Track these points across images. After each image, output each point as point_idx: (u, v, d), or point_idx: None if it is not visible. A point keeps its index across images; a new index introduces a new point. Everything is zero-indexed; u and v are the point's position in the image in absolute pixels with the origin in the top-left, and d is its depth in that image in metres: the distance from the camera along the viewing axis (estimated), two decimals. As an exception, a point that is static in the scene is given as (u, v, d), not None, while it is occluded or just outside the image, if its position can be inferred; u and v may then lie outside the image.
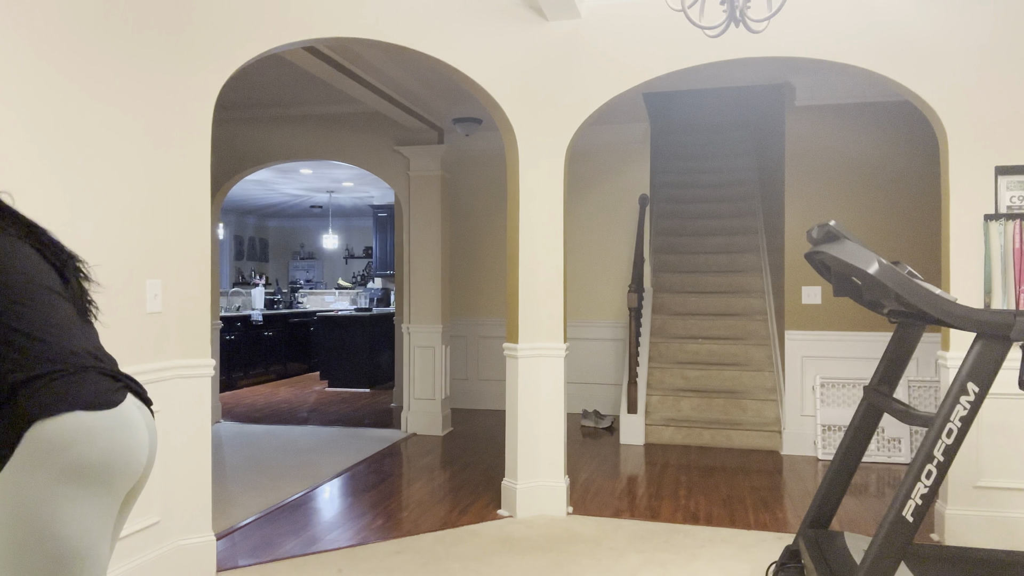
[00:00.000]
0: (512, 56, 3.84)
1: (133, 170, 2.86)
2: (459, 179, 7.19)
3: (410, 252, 6.12)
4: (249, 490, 4.36)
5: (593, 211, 6.85)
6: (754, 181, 7.88)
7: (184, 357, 3.09)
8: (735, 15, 2.57)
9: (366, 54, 4.67)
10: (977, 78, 3.43)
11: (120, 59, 2.78)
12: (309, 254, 14.11)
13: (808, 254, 2.58)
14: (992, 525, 3.41)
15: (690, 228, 7.50)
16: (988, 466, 3.43)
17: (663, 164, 8.31)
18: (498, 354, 7.08)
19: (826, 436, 5.23)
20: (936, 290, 2.20)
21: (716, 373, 5.96)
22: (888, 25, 3.49)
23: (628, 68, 3.79)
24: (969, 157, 3.44)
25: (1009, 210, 3.38)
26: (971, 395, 2.13)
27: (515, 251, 3.94)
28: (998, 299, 3.37)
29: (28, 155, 2.41)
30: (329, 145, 6.28)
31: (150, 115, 2.94)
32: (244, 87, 5.58)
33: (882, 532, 2.14)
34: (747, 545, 3.45)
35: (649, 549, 3.40)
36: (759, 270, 6.81)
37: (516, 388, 3.91)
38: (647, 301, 6.53)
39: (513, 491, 3.90)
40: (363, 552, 3.37)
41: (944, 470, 2.12)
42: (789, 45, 3.58)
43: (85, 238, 2.63)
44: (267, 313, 9.83)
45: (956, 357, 3.38)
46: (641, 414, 5.71)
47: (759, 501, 4.16)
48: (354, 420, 6.68)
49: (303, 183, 9.91)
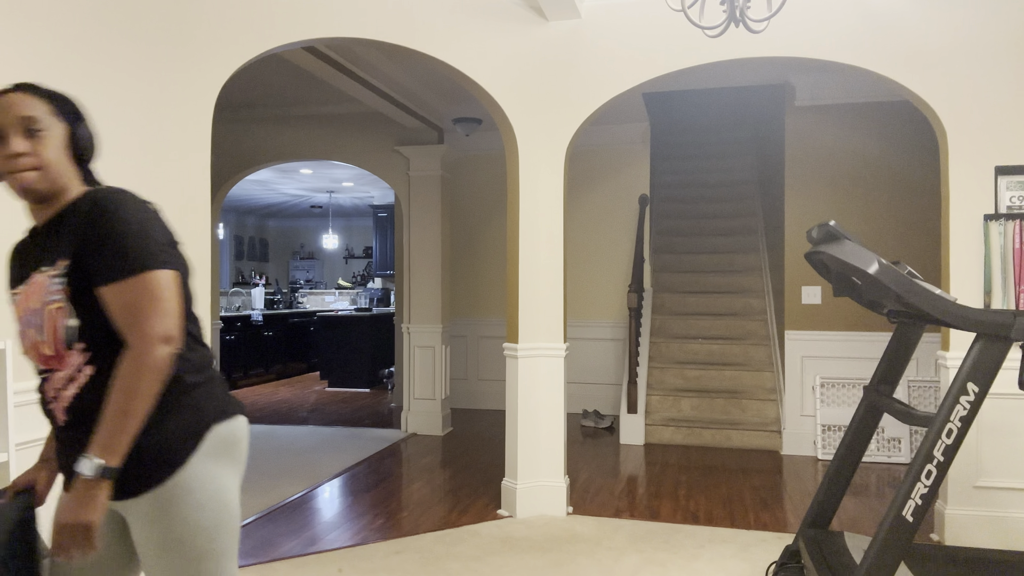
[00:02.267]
0: (512, 56, 3.84)
1: (132, 170, 2.86)
2: (459, 179, 7.19)
3: (410, 252, 6.12)
4: (249, 490, 4.36)
5: (593, 211, 6.85)
6: (754, 181, 7.88)
7: (184, 357, 3.08)
8: (735, 15, 2.57)
9: (366, 54, 4.67)
10: (977, 78, 3.42)
11: (119, 59, 2.78)
12: (309, 254, 14.11)
13: (808, 254, 2.58)
14: (992, 525, 3.41)
15: (690, 228, 7.50)
16: (988, 466, 3.43)
17: (663, 164, 8.31)
18: (498, 354, 7.08)
19: (826, 436, 5.23)
20: (936, 290, 2.20)
21: (716, 373, 5.96)
22: (888, 25, 3.49)
23: (628, 68, 3.78)
24: (969, 157, 3.44)
25: (1009, 210, 3.38)
26: (971, 395, 2.13)
27: (515, 251, 3.94)
28: (998, 299, 3.37)
29: (28, 155, 2.41)
30: (329, 145, 6.28)
31: (150, 115, 2.94)
32: (244, 87, 5.58)
33: (882, 532, 2.14)
34: (747, 545, 3.45)
35: (649, 549, 3.40)
36: (759, 270, 6.81)
37: (516, 388, 3.91)
38: (647, 301, 6.53)
39: (513, 491, 3.90)
40: (363, 552, 3.37)
41: (944, 470, 2.12)
42: (789, 45, 3.58)
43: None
44: (267, 313, 9.83)
45: (956, 357, 3.38)
46: (641, 414, 5.71)
47: (759, 501, 4.16)
48: (354, 420, 6.68)
49: (303, 183, 9.91)
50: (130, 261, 1.28)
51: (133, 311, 1.29)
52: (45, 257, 1.37)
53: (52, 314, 1.33)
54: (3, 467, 1.99)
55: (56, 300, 1.33)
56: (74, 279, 1.32)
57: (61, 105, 1.39)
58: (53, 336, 1.34)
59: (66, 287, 1.33)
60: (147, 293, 1.29)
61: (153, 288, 1.29)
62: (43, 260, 1.38)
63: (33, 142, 1.34)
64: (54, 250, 1.36)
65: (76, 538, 1.27)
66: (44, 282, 1.35)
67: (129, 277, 1.28)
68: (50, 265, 1.35)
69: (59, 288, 1.33)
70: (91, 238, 1.31)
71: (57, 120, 1.38)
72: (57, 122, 1.38)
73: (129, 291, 1.28)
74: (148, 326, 1.28)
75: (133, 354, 1.28)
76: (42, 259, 1.38)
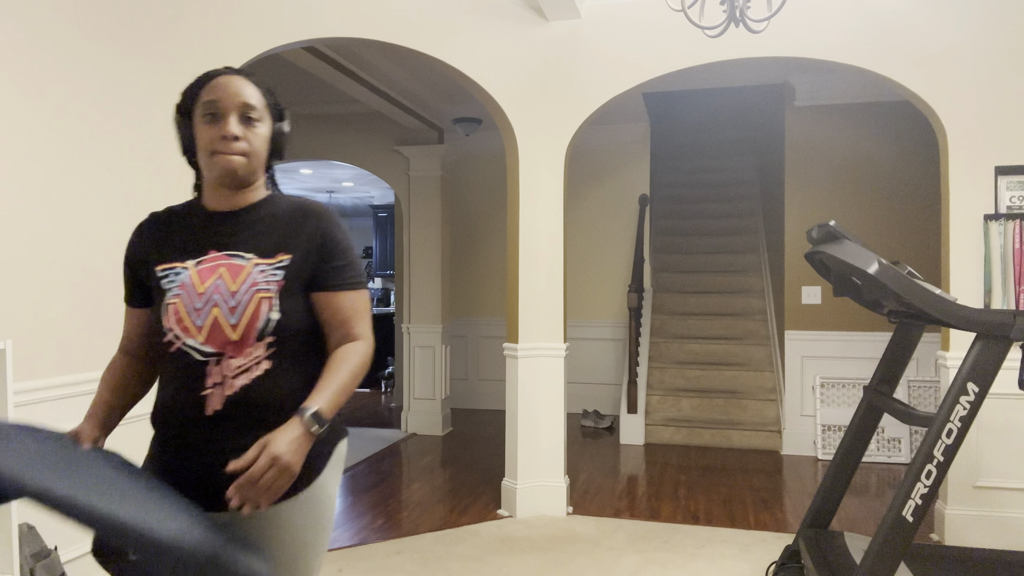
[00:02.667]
0: (512, 56, 3.84)
1: (134, 170, 2.86)
2: (459, 179, 7.19)
3: (410, 252, 6.12)
4: (249, 490, 4.36)
5: (593, 211, 6.85)
6: (754, 181, 7.88)
7: (184, 357, 3.08)
8: (735, 15, 2.57)
9: (366, 54, 4.67)
10: (977, 78, 3.42)
11: (120, 59, 2.78)
12: (309, 254, 14.10)
13: (808, 254, 2.58)
14: (992, 525, 3.41)
15: (690, 228, 7.50)
16: (988, 466, 3.43)
17: (663, 164, 8.31)
18: (498, 354, 7.08)
19: (826, 436, 5.23)
20: (936, 290, 2.20)
21: (716, 373, 5.96)
22: (888, 25, 3.49)
23: (628, 68, 3.78)
24: (969, 157, 3.44)
25: (1009, 210, 3.38)
26: (971, 395, 2.13)
27: (515, 251, 3.94)
28: (998, 299, 3.37)
29: (27, 155, 2.41)
30: (329, 145, 6.28)
31: (150, 114, 2.94)
32: (244, 87, 5.57)
33: (882, 532, 2.14)
34: (747, 545, 3.44)
35: (649, 549, 3.40)
36: (759, 270, 6.80)
37: (516, 388, 3.91)
38: (647, 301, 6.53)
39: (513, 491, 3.90)
40: (363, 552, 3.37)
41: (944, 470, 2.12)
42: (789, 45, 3.58)
43: (85, 237, 2.63)
44: (267, 313, 9.81)
45: (956, 357, 3.38)
46: (641, 414, 5.71)
47: (759, 501, 4.16)
48: (354, 420, 6.67)
49: (303, 183, 9.90)
50: (360, 275, 1.45)
51: (360, 315, 1.44)
52: (244, 245, 1.39)
53: (258, 302, 1.34)
54: (3, 467, 1.99)
55: (267, 291, 1.35)
56: (291, 275, 1.38)
57: (273, 101, 1.44)
58: (249, 323, 1.34)
59: (281, 280, 1.37)
60: (366, 303, 1.47)
61: (367, 300, 1.48)
62: (237, 245, 1.39)
63: (247, 129, 1.38)
64: (264, 242, 1.39)
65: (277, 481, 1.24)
66: (249, 268, 1.37)
67: (360, 288, 1.45)
68: (262, 255, 1.38)
69: (273, 280, 1.36)
70: (327, 247, 1.41)
71: (268, 114, 1.43)
72: (268, 116, 1.43)
73: (358, 299, 1.44)
74: (369, 329, 1.46)
75: (363, 346, 1.42)
76: (235, 245, 1.40)
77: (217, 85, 1.38)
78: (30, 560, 2.23)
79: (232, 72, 1.41)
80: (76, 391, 2.58)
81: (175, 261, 1.40)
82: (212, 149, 1.36)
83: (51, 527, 2.50)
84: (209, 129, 1.36)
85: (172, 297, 1.36)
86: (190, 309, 1.35)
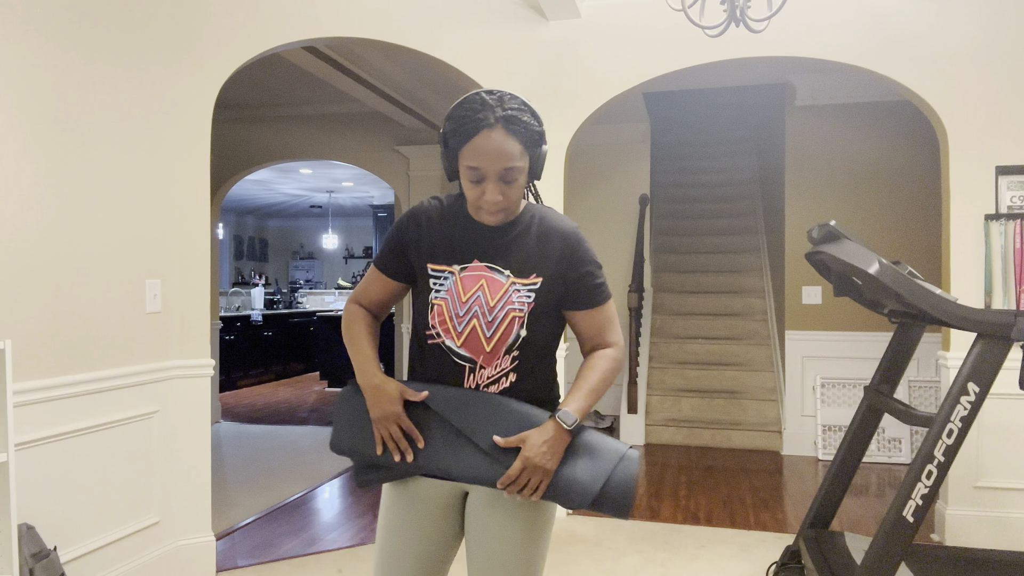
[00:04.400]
0: (512, 55, 3.84)
1: (133, 169, 2.86)
2: (459, 179, 7.18)
3: (410, 252, 6.10)
4: (249, 490, 4.36)
5: (593, 211, 6.85)
6: (754, 181, 7.88)
7: (183, 357, 3.08)
8: (735, 15, 2.57)
9: (366, 54, 4.67)
10: (977, 78, 3.42)
11: (119, 59, 2.78)
12: (309, 254, 14.11)
13: (808, 254, 2.58)
14: (992, 525, 3.41)
15: (690, 228, 7.49)
16: (988, 466, 3.42)
17: (663, 164, 8.31)
18: (498, 354, 7.07)
19: (826, 436, 5.22)
20: (936, 290, 2.19)
21: (716, 373, 5.95)
22: (888, 25, 3.49)
23: (628, 68, 3.78)
24: (969, 157, 3.43)
25: (1010, 210, 3.38)
26: (971, 395, 2.13)
27: (515, 251, 3.93)
28: (998, 299, 3.37)
29: (27, 155, 2.41)
30: (329, 145, 6.28)
31: (149, 114, 2.94)
32: (244, 87, 5.57)
33: (882, 532, 2.14)
34: (747, 545, 3.44)
35: (649, 549, 3.39)
36: (759, 270, 6.80)
37: (516, 388, 3.90)
38: (647, 301, 6.52)
39: (513, 491, 3.89)
40: (363, 552, 3.37)
41: (944, 470, 2.12)
42: (789, 45, 3.57)
43: (85, 238, 2.63)
44: (267, 313, 9.82)
45: (956, 357, 3.38)
46: (641, 414, 5.71)
47: (759, 501, 4.16)
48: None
49: (303, 183, 9.90)
50: (606, 286, 1.56)
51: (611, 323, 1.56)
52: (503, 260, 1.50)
53: (511, 320, 1.47)
54: (3, 467, 1.99)
55: (519, 311, 1.47)
56: (540, 297, 1.48)
57: (532, 140, 1.44)
58: (500, 339, 1.47)
59: (531, 303, 1.48)
60: (615, 311, 1.58)
61: (615, 308, 1.59)
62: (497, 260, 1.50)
63: (508, 187, 1.44)
64: (520, 261, 1.49)
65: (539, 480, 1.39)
66: (506, 285, 1.48)
67: (609, 300, 1.56)
68: (517, 275, 1.48)
69: (526, 301, 1.48)
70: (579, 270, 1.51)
71: (526, 155, 1.44)
72: (526, 158, 1.44)
73: (609, 310, 1.56)
74: (619, 335, 1.58)
75: (614, 352, 1.54)
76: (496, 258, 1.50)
77: (479, 150, 1.39)
78: (30, 560, 2.23)
79: (495, 124, 1.39)
80: (76, 391, 2.58)
81: (445, 264, 1.51)
82: (476, 205, 1.47)
83: (51, 527, 2.49)
84: (472, 188, 1.44)
85: (438, 298, 1.49)
86: (453, 314, 1.48)
